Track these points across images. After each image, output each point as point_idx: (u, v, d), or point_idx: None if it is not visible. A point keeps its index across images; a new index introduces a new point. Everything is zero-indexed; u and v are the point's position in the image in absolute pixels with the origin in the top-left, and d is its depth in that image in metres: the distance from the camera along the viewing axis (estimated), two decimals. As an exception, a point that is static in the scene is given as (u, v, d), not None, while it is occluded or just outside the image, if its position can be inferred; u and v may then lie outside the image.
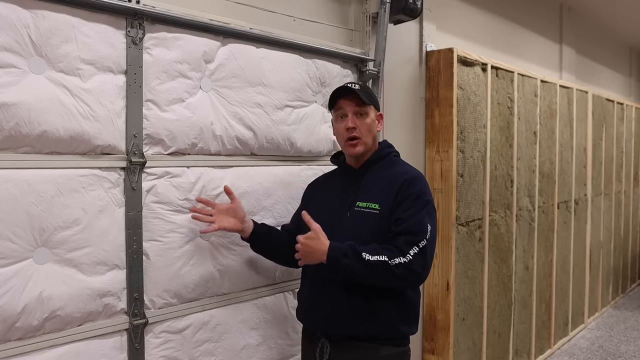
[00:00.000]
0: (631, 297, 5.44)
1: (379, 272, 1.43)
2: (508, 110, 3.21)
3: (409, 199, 1.53)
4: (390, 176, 1.61)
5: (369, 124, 1.63)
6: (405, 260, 1.43)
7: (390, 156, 1.70)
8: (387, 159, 1.69)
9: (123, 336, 1.59)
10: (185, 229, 1.71)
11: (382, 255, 1.43)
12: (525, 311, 3.48)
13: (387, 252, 1.44)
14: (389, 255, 1.43)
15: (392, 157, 1.70)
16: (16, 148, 1.38)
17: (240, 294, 1.90)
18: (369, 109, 1.64)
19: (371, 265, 1.42)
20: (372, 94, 1.72)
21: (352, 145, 1.63)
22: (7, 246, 1.35)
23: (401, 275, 1.43)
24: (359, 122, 1.62)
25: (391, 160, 1.69)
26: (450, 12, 3.06)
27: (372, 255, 1.43)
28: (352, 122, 1.62)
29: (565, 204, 3.98)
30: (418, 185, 1.57)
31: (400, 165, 1.69)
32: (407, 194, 1.54)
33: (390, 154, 1.71)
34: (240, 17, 1.92)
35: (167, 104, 1.67)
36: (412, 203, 1.53)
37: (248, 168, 1.91)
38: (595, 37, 5.19)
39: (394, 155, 1.72)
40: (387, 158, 1.69)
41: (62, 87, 1.44)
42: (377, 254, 1.44)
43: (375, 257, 1.43)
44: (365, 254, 1.43)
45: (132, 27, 1.57)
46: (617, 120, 4.96)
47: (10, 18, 1.34)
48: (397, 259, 1.43)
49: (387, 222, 1.53)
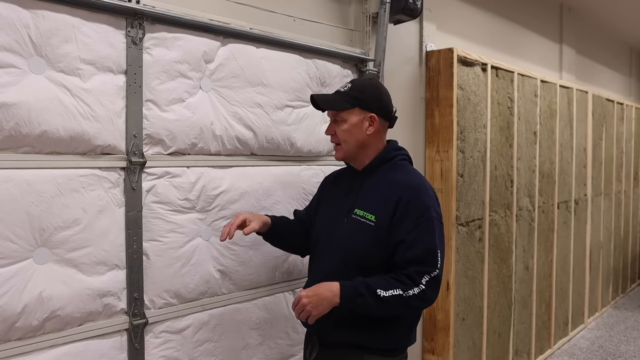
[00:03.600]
0: (631, 297, 5.44)
1: (394, 306, 1.40)
2: (508, 110, 3.21)
3: (412, 216, 1.44)
4: (391, 184, 1.51)
5: (346, 129, 1.54)
6: (419, 291, 1.39)
7: (396, 160, 1.58)
8: (392, 162, 1.57)
9: (123, 336, 1.59)
10: (185, 229, 1.71)
11: (396, 289, 1.39)
12: (525, 311, 3.48)
13: (401, 285, 1.40)
14: (402, 288, 1.39)
15: (398, 161, 1.57)
16: (16, 148, 1.38)
17: (240, 294, 1.90)
18: (346, 114, 1.54)
19: (386, 301, 1.38)
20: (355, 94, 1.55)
21: (335, 151, 1.61)
22: (7, 246, 1.35)
23: (415, 305, 1.41)
24: (337, 128, 1.56)
25: (395, 165, 1.57)
26: (450, 12, 3.06)
27: (386, 290, 1.39)
28: (329, 129, 1.60)
29: (565, 204, 3.98)
30: (420, 200, 1.46)
31: (404, 172, 1.55)
32: (408, 210, 1.45)
33: (396, 157, 1.58)
34: (240, 17, 1.92)
35: (167, 104, 1.67)
36: (416, 222, 1.43)
37: (248, 168, 1.91)
38: (595, 37, 5.19)
39: (400, 158, 1.59)
40: (391, 162, 1.57)
41: (62, 87, 1.44)
42: (390, 288, 1.39)
43: (389, 292, 1.38)
44: (379, 290, 1.39)
45: (132, 27, 1.57)
46: (617, 120, 4.96)
47: (10, 18, 1.34)
48: (410, 290, 1.39)
49: (383, 235, 1.46)
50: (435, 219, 1.46)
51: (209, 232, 1.78)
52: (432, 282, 1.40)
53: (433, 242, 1.42)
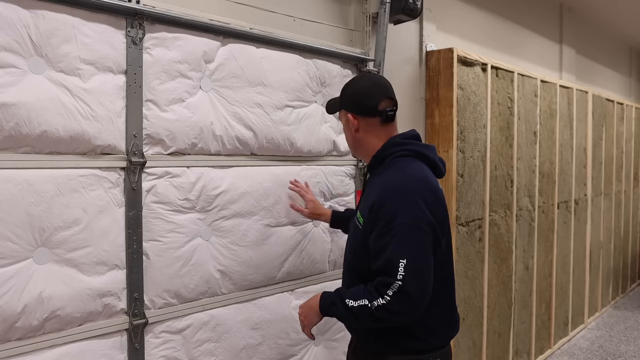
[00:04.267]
0: (631, 297, 5.44)
1: (362, 316, 1.34)
2: (508, 110, 3.21)
3: (379, 224, 1.35)
4: (376, 186, 1.43)
5: (343, 131, 1.59)
6: (384, 302, 1.30)
7: (391, 157, 1.45)
8: (387, 161, 1.46)
9: (123, 336, 1.59)
10: (185, 229, 1.71)
11: (362, 300, 1.34)
12: (525, 311, 3.48)
13: (368, 295, 1.34)
14: (369, 299, 1.33)
15: (393, 159, 1.45)
16: (16, 148, 1.38)
17: (240, 294, 1.90)
18: (340, 116, 1.58)
19: (354, 312, 1.34)
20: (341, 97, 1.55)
21: None
22: (7, 246, 1.35)
23: (384, 317, 1.31)
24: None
25: (390, 163, 1.45)
26: (450, 12, 3.06)
27: (355, 300, 1.35)
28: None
29: (565, 204, 3.98)
30: (391, 204, 1.34)
31: (394, 170, 1.42)
32: (378, 216, 1.36)
33: (392, 154, 1.45)
34: (240, 17, 1.92)
35: (167, 104, 1.67)
36: (380, 231, 1.34)
37: (248, 168, 1.91)
38: (595, 37, 5.19)
39: (396, 155, 1.45)
40: (386, 160, 1.46)
41: (62, 87, 1.44)
42: (359, 298, 1.34)
43: (357, 302, 1.34)
44: (348, 300, 1.36)
45: (132, 27, 1.57)
46: (617, 120, 4.96)
47: (10, 18, 1.35)
48: (375, 301, 1.31)
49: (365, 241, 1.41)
50: (405, 226, 1.32)
51: (209, 232, 1.78)
52: (399, 293, 1.29)
53: (393, 253, 1.30)
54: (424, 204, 1.35)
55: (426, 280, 1.33)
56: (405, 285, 1.28)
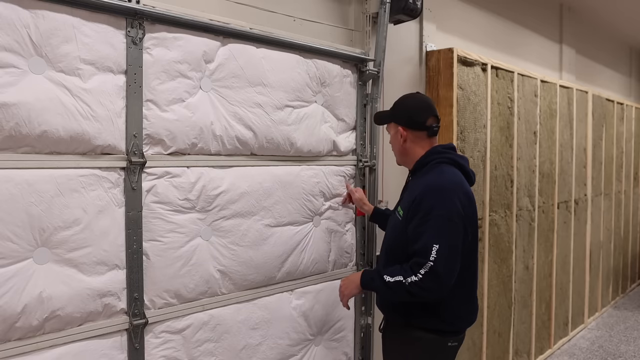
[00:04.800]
0: (631, 297, 5.44)
1: (397, 290, 1.61)
2: (508, 110, 3.21)
3: (420, 213, 1.62)
4: (418, 186, 1.71)
5: (390, 141, 1.88)
6: (417, 279, 1.57)
7: (432, 163, 1.73)
8: (428, 166, 1.74)
9: (123, 336, 1.59)
10: (185, 229, 1.71)
11: (398, 276, 1.61)
12: (525, 311, 3.48)
13: (403, 273, 1.61)
14: (404, 276, 1.60)
15: (433, 164, 1.73)
16: (16, 148, 1.38)
17: (240, 294, 1.90)
18: (389, 128, 1.87)
19: (391, 286, 1.62)
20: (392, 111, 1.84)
21: None
22: (7, 246, 1.35)
23: (416, 292, 1.57)
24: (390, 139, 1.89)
25: (431, 167, 1.73)
26: (450, 12, 3.06)
27: (392, 277, 1.62)
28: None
29: (565, 204, 3.98)
30: (431, 198, 1.62)
31: (434, 173, 1.71)
32: (418, 209, 1.63)
33: (433, 160, 1.74)
34: (240, 17, 1.92)
35: (167, 104, 1.67)
36: (420, 220, 1.62)
37: (248, 168, 1.91)
38: (595, 37, 5.19)
39: (436, 161, 1.73)
40: (427, 165, 1.75)
41: (62, 87, 1.44)
42: (395, 275, 1.62)
43: (394, 278, 1.61)
44: (386, 276, 1.63)
45: (132, 27, 1.57)
46: (617, 120, 4.96)
47: (10, 18, 1.35)
48: (409, 278, 1.58)
49: (405, 230, 1.67)
50: (441, 217, 1.60)
51: (209, 232, 1.78)
52: (430, 273, 1.56)
53: (429, 239, 1.58)
54: (458, 201, 1.63)
55: (454, 264, 1.60)
56: (436, 266, 1.55)
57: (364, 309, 2.36)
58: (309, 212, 2.11)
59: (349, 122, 2.29)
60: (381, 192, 2.47)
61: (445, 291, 1.59)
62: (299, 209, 2.07)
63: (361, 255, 2.37)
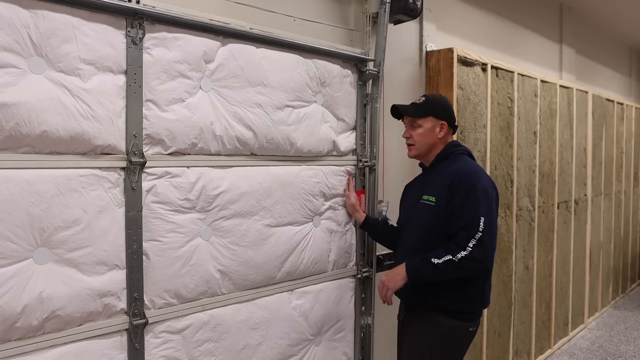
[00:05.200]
0: (631, 297, 5.44)
1: (447, 269, 1.73)
2: (508, 110, 3.21)
3: (461, 192, 1.78)
4: (449, 172, 1.87)
5: (420, 134, 1.96)
6: (466, 253, 1.70)
7: (455, 154, 1.93)
8: (451, 157, 1.93)
9: (123, 336, 1.59)
10: (185, 229, 1.71)
11: (447, 256, 1.73)
12: (525, 311, 3.48)
13: (450, 252, 1.73)
14: (452, 254, 1.72)
15: (457, 155, 1.93)
16: (16, 148, 1.38)
17: (240, 294, 1.90)
18: (422, 121, 1.95)
19: (440, 267, 1.73)
20: (430, 106, 1.95)
21: (409, 149, 2.02)
22: (7, 246, 1.35)
23: (465, 265, 1.71)
24: (413, 132, 1.98)
25: (455, 158, 1.92)
26: (450, 12, 3.06)
27: (439, 258, 1.74)
28: (406, 132, 2.01)
29: (565, 204, 3.98)
30: (469, 179, 1.80)
31: (462, 161, 1.91)
32: (459, 187, 1.80)
33: (455, 152, 1.94)
34: (240, 17, 1.92)
35: (167, 104, 1.67)
36: (463, 197, 1.78)
37: (248, 168, 1.91)
38: (595, 37, 5.19)
39: (458, 152, 1.94)
40: (450, 156, 1.93)
41: (62, 87, 1.44)
42: (442, 256, 1.73)
43: (442, 259, 1.73)
44: (434, 259, 1.74)
45: (132, 27, 1.57)
46: (617, 120, 4.96)
47: (10, 18, 1.35)
48: (458, 254, 1.71)
49: (442, 213, 1.82)
50: (483, 191, 1.78)
51: (209, 232, 1.78)
52: (478, 243, 1.70)
53: (477, 210, 1.74)
54: (488, 183, 1.85)
55: (495, 237, 1.79)
56: (484, 236, 1.71)
57: (364, 309, 2.36)
58: (309, 212, 2.12)
59: (349, 122, 2.29)
60: (381, 192, 2.47)
61: (490, 262, 1.75)
62: (299, 209, 2.07)
63: (361, 255, 2.37)
